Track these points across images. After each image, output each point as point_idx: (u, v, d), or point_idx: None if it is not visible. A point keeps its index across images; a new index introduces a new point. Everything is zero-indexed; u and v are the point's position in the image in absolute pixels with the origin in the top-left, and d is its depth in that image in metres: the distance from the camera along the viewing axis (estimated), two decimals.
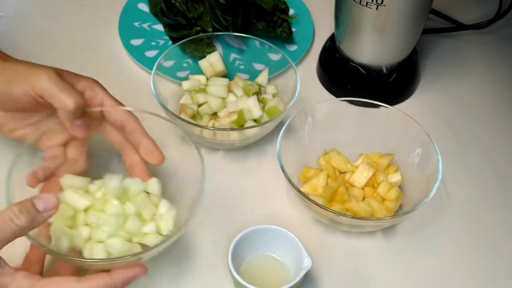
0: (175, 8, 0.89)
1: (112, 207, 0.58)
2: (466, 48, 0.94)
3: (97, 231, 0.57)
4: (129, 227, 0.58)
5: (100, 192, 0.60)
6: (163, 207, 0.61)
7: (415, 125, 0.70)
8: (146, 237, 0.59)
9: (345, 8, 0.77)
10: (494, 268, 0.68)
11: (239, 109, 0.73)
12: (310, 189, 0.68)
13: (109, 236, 0.57)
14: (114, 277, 0.52)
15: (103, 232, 0.57)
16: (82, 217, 0.58)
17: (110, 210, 0.58)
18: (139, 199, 0.60)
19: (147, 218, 0.60)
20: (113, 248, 0.57)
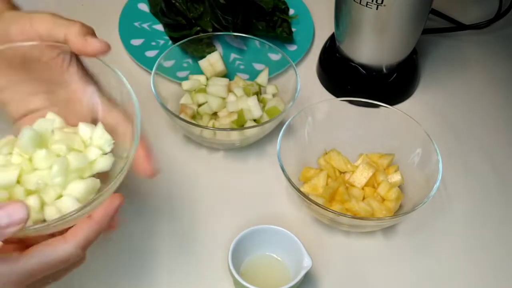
0: (175, 8, 0.89)
1: (43, 158, 0.50)
2: (466, 48, 0.94)
3: (47, 191, 0.49)
4: (74, 165, 0.50)
5: (16, 155, 0.51)
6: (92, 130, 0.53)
7: (415, 125, 0.70)
8: (97, 164, 0.52)
9: (345, 8, 0.77)
10: (494, 268, 0.68)
11: (239, 109, 0.73)
12: (310, 189, 0.68)
13: (63, 187, 0.50)
14: (97, 219, 0.47)
15: (54, 187, 0.49)
16: (20, 190, 0.49)
17: (43, 162, 0.50)
18: (61, 136, 0.52)
19: (81, 148, 0.52)
20: (77, 192, 0.49)
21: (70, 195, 0.49)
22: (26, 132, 0.50)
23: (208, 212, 0.70)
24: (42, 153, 0.50)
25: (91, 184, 0.51)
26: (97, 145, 0.53)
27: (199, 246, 0.67)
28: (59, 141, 0.51)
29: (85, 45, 0.52)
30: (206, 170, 0.75)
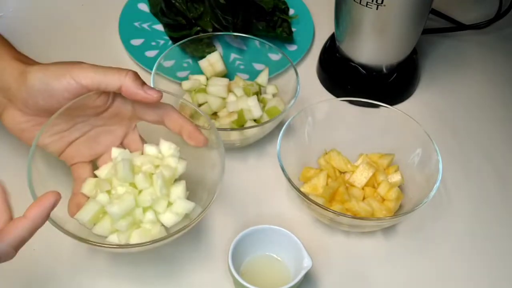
0: (175, 8, 0.89)
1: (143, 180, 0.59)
2: (466, 48, 0.94)
3: (159, 202, 0.59)
4: (167, 176, 0.60)
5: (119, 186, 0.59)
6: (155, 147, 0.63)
7: (415, 125, 0.70)
8: (178, 170, 0.62)
9: (345, 8, 0.77)
10: (494, 268, 0.68)
11: (239, 109, 0.73)
12: (310, 189, 0.68)
13: (168, 195, 0.60)
14: (32, 218, 0.47)
15: (163, 197, 0.59)
16: (139, 211, 0.59)
17: (145, 183, 0.59)
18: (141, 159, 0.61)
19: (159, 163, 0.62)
20: (181, 194, 0.60)
21: (179, 198, 0.60)
22: (123, 164, 0.58)
23: (208, 212, 0.70)
24: (141, 177, 0.58)
25: (184, 185, 0.61)
26: (169, 155, 0.62)
27: (199, 246, 0.67)
28: (144, 163, 0.60)
29: (145, 96, 0.58)
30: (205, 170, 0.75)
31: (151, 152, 0.63)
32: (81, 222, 0.57)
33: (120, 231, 0.57)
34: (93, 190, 0.60)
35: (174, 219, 0.59)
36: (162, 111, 0.61)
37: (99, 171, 0.62)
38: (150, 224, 0.59)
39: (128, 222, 0.57)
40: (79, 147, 0.62)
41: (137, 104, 0.61)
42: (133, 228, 0.58)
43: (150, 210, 0.59)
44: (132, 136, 0.64)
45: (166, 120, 0.61)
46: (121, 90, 0.57)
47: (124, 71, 0.57)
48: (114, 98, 0.61)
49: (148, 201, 0.58)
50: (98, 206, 0.57)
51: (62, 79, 0.56)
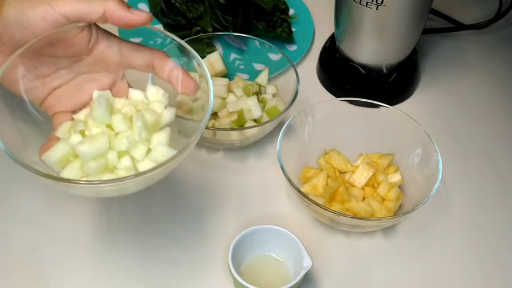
0: (175, 8, 0.89)
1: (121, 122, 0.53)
2: (466, 48, 0.94)
3: (137, 147, 0.52)
4: (149, 120, 0.54)
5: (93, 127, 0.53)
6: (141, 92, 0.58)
7: (415, 125, 0.70)
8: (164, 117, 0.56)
9: (345, 8, 0.77)
10: (494, 268, 0.68)
11: (239, 109, 0.73)
12: (310, 189, 0.68)
13: (149, 140, 0.53)
14: None
15: (142, 142, 0.53)
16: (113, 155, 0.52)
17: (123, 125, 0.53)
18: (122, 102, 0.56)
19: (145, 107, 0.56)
20: (164, 141, 0.53)
21: (161, 144, 0.53)
22: (99, 102, 0.52)
23: (208, 212, 0.70)
24: (119, 117, 0.52)
25: (168, 132, 0.54)
26: (156, 100, 0.57)
27: (199, 246, 0.67)
28: (125, 105, 0.54)
29: (133, 17, 0.53)
30: (206, 170, 0.75)
31: (136, 97, 0.57)
32: (49, 164, 0.51)
33: (90, 175, 0.51)
34: (67, 133, 0.54)
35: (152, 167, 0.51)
36: (152, 56, 0.57)
37: (78, 114, 0.56)
38: (125, 171, 0.52)
39: (99, 165, 0.51)
40: (61, 95, 0.56)
41: (124, 47, 0.56)
42: (105, 172, 0.51)
43: (126, 156, 0.52)
44: (120, 85, 0.58)
45: (156, 65, 0.57)
46: (105, 15, 0.52)
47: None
48: (98, 39, 0.55)
49: (124, 144, 0.52)
50: (68, 146, 0.52)
51: (38, 7, 0.51)
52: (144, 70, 0.57)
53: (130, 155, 0.52)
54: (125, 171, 0.52)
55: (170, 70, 0.56)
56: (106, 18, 0.52)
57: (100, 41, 0.56)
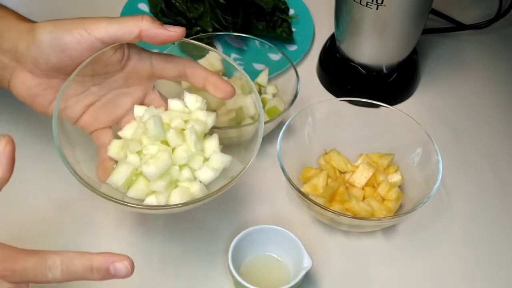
0: (175, 8, 0.89)
1: (175, 137, 0.55)
2: (466, 48, 0.94)
3: (195, 159, 0.56)
4: (198, 130, 0.57)
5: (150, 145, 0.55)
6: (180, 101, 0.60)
7: (415, 125, 0.70)
8: (208, 123, 0.58)
9: (345, 8, 0.77)
10: (494, 268, 0.68)
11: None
12: (310, 189, 0.68)
13: (203, 151, 0.57)
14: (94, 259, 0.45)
15: (199, 153, 0.56)
16: (175, 169, 0.55)
17: (177, 140, 0.55)
18: (168, 115, 0.58)
19: (188, 118, 0.58)
20: (216, 148, 0.57)
21: (215, 152, 0.56)
22: (154, 121, 0.54)
23: (208, 212, 0.70)
24: (173, 133, 0.55)
25: (217, 139, 0.57)
26: (197, 108, 0.58)
27: (199, 246, 0.67)
28: (173, 119, 0.56)
29: (168, 34, 0.54)
30: None
31: (176, 107, 0.59)
32: (115, 186, 0.53)
33: (158, 192, 0.54)
34: (121, 152, 0.56)
35: (211, 175, 0.56)
36: (183, 65, 0.58)
37: (123, 131, 0.57)
38: (187, 182, 0.55)
39: (166, 182, 0.53)
40: (97, 112, 0.57)
41: (155, 60, 0.57)
42: (171, 187, 0.54)
43: (186, 168, 0.56)
44: (152, 95, 0.60)
45: (188, 74, 0.58)
46: (141, 35, 0.53)
47: (139, 16, 0.53)
48: (130, 55, 0.57)
49: (184, 158, 0.54)
50: (130, 167, 0.54)
51: (74, 32, 0.52)
52: (177, 80, 0.59)
53: (189, 167, 0.56)
54: (187, 183, 0.55)
55: (204, 77, 0.58)
56: (142, 38, 0.54)
57: (131, 57, 0.57)
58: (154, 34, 0.53)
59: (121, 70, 0.57)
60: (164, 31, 0.53)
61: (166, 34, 0.54)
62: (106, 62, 0.55)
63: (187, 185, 0.55)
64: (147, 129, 0.55)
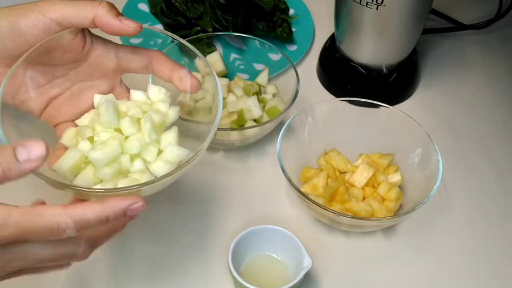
0: (175, 8, 0.89)
1: (129, 125, 0.52)
2: (466, 48, 0.94)
3: (148, 149, 0.52)
4: (157, 120, 0.53)
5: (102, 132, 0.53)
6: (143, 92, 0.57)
7: (415, 125, 0.70)
8: (169, 116, 0.56)
9: (345, 8, 0.77)
10: (494, 268, 0.68)
11: (239, 109, 0.73)
12: (310, 189, 0.68)
13: (159, 142, 0.53)
14: (106, 206, 0.45)
15: (153, 144, 0.53)
16: (125, 159, 0.52)
17: (132, 128, 0.52)
18: (127, 104, 0.55)
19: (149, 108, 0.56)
20: (173, 141, 0.54)
21: (171, 144, 0.53)
22: (106, 107, 0.52)
23: (208, 212, 0.70)
24: (128, 121, 0.52)
25: (176, 132, 0.54)
26: (159, 100, 0.56)
27: (199, 246, 0.67)
28: (130, 108, 0.54)
29: (122, 26, 0.52)
30: (206, 170, 0.75)
31: (138, 98, 0.57)
32: (61, 172, 0.51)
33: (105, 181, 0.51)
34: (73, 139, 0.53)
35: (165, 168, 0.52)
36: (149, 57, 0.56)
37: (80, 119, 0.56)
38: (138, 174, 0.52)
39: (114, 170, 0.50)
40: (60, 105, 0.56)
41: (121, 51, 0.56)
42: (119, 177, 0.51)
43: (138, 159, 0.52)
44: (119, 89, 0.58)
45: (154, 66, 0.56)
46: (95, 21, 0.51)
47: (97, 1, 0.52)
48: (93, 45, 0.55)
49: (135, 147, 0.52)
50: (78, 153, 0.51)
51: (30, 14, 0.50)
52: (144, 72, 0.57)
53: (142, 158, 0.53)
54: (138, 174, 0.52)
55: (170, 69, 0.56)
56: (96, 25, 0.52)
57: (95, 47, 0.55)
58: (106, 23, 0.52)
59: (85, 60, 0.55)
60: (117, 22, 0.52)
61: (118, 26, 0.52)
62: (66, 48, 0.54)
63: (138, 176, 0.52)
64: (99, 115, 0.53)
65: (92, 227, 0.45)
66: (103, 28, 0.52)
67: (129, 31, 0.52)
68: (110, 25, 0.52)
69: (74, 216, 0.43)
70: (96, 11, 0.51)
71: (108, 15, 0.51)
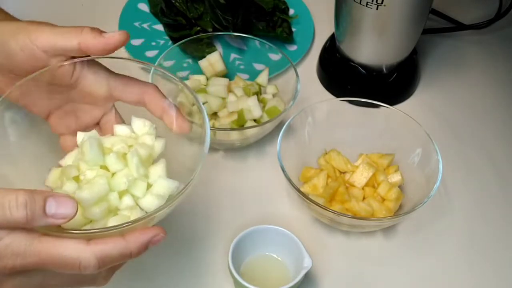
0: (175, 8, 0.89)
1: (115, 161, 0.51)
2: (466, 48, 0.94)
3: (137, 184, 0.50)
4: (143, 154, 0.52)
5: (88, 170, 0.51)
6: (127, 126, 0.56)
7: (415, 125, 0.70)
8: (155, 148, 0.54)
9: (345, 8, 0.77)
10: (494, 268, 0.68)
11: (239, 109, 0.73)
12: (310, 189, 0.68)
13: (147, 176, 0.52)
14: (129, 241, 0.44)
15: (141, 179, 0.51)
16: (114, 196, 0.50)
17: (118, 164, 0.51)
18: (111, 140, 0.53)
19: (134, 142, 0.54)
20: (162, 174, 0.52)
21: (160, 177, 0.51)
22: (90, 144, 0.50)
23: (208, 212, 0.70)
24: (113, 157, 0.50)
25: (164, 164, 0.53)
26: (144, 133, 0.55)
27: (199, 246, 0.67)
28: (115, 143, 0.52)
29: (108, 42, 0.51)
30: (206, 170, 0.74)
31: (122, 132, 0.55)
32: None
33: (94, 220, 0.49)
34: (58, 181, 0.52)
35: (155, 203, 0.50)
36: (142, 92, 0.55)
37: (64, 159, 0.54)
38: (128, 210, 0.50)
39: (102, 209, 0.48)
40: (62, 117, 0.56)
41: (113, 81, 0.55)
42: (109, 216, 0.49)
43: (127, 195, 0.51)
44: (109, 116, 0.57)
45: (147, 102, 0.55)
46: (81, 47, 0.51)
47: (80, 27, 0.51)
48: (82, 73, 0.54)
49: (123, 183, 0.50)
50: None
51: (18, 37, 0.50)
52: (135, 105, 0.56)
53: (130, 193, 0.51)
54: (128, 211, 0.50)
55: (161, 109, 0.55)
56: (82, 50, 0.51)
57: (85, 75, 0.54)
58: (92, 45, 0.51)
59: (74, 87, 0.55)
60: (102, 38, 0.51)
61: (103, 42, 0.51)
62: (53, 76, 0.53)
63: (128, 213, 0.50)
64: (83, 153, 0.51)
65: (114, 263, 0.44)
66: (90, 51, 0.51)
67: (114, 42, 0.51)
68: (94, 45, 0.51)
69: (97, 252, 0.43)
70: (79, 37, 0.51)
71: (91, 36, 0.51)
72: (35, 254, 0.42)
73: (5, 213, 0.41)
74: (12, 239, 0.41)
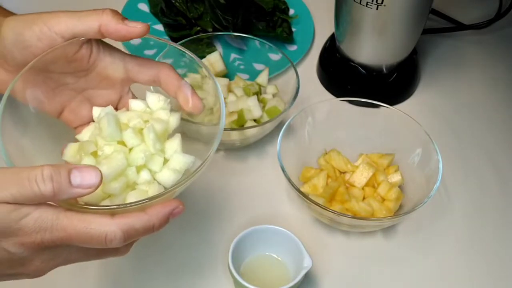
0: (175, 8, 0.89)
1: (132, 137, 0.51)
2: (466, 48, 0.94)
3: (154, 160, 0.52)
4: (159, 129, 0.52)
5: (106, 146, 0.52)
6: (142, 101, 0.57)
7: (415, 125, 0.70)
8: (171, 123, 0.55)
9: (345, 8, 0.77)
10: (494, 268, 0.68)
11: (239, 109, 0.73)
12: (310, 189, 0.68)
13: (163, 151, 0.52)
14: (152, 214, 0.45)
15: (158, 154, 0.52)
16: (132, 171, 0.51)
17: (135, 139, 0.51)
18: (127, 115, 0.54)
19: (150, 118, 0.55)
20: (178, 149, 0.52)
21: (176, 152, 0.52)
22: (108, 120, 0.51)
23: (208, 212, 0.70)
24: (130, 132, 0.51)
25: (179, 139, 0.53)
26: (159, 108, 0.55)
27: (199, 245, 0.67)
28: (131, 119, 0.53)
29: (129, 30, 0.51)
30: (206, 170, 0.75)
31: (138, 108, 0.56)
32: None
33: (113, 195, 0.50)
34: (77, 156, 0.52)
35: (173, 177, 0.51)
36: (157, 70, 0.55)
37: (81, 134, 0.55)
38: (146, 185, 0.51)
39: (121, 184, 0.49)
40: (76, 109, 0.56)
41: (129, 62, 0.55)
42: (127, 190, 0.50)
43: (144, 169, 0.51)
44: (126, 99, 0.57)
45: (161, 80, 0.55)
46: (101, 30, 0.51)
47: (100, 10, 0.51)
48: (99, 55, 0.54)
49: (141, 158, 0.51)
50: None
51: (34, 27, 0.50)
52: (151, 85, 0.57)
53: (148, 168, 0.52)
54: (145, 185, 0.51)
55: (176, 86, 0.55)
56: (103, 33, 0.51)
57: (102, 57, 0.55)
58: (113, 29, 0.51)
59: (92, 70, 0.55)
60: (123, 26, 0.51)
61: (126, 29, 0.51)
62: (71, 59, 0.53)
63: (145, 187, 0.51)
64: (101, 129, 0.52)
65: (138, 236, 0.45)
66: (110, 35, 0.52)
67: (136, 32, 0.52)
68: (117, 30, 0.51)
69: (123, 226, 0.44)
70: (101, 19, 0.51)
71: (113, 21, 0.51)
72: (62, 229, 0.43)
73: (33, 188, 0.41)
74: (40, 214, 0.42)
